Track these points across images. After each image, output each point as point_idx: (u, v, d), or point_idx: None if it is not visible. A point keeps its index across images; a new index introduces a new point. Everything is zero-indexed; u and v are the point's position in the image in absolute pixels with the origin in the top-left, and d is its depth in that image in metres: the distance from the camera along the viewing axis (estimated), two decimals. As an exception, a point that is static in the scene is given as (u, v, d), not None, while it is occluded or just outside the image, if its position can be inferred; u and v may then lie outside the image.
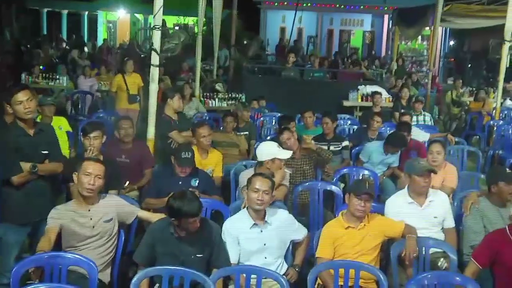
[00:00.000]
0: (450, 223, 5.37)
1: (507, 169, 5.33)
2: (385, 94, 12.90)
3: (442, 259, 5.00)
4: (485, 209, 5.20)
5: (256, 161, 6.05)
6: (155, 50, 6.76)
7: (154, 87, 6.96)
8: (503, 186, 5.10)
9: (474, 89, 15.66)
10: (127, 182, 6.28)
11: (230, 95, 13.00)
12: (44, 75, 13.97)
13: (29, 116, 4.83)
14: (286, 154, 5.83)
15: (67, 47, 24.97)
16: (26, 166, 4.79)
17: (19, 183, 4.83)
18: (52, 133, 5.27)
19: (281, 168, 5.83)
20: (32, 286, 3.76)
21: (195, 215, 4.29)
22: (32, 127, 4.92)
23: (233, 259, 4.57)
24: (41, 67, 14.72)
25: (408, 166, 5.41)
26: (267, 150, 5.84)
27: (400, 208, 5.24)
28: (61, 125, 7.91)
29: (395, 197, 5.46)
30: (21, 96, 4.76)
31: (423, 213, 5.25)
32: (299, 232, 4.92)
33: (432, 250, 4.98)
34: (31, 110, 4.81)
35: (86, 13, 31.13)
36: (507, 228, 4.50)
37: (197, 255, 4.41)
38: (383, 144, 7.65)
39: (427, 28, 18.30)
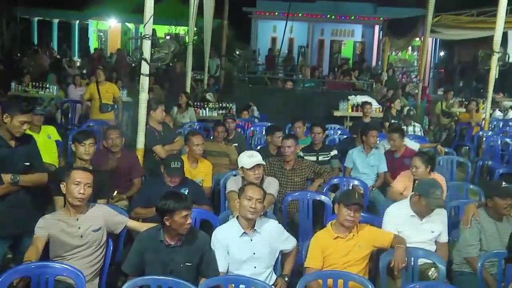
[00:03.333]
0: (445, 237, 5.35)
1: (503, 183, 5.30)
2: (375, 104, 12.94)
3: (433, 269, 4.99)
4: (483, 222, 5.20)
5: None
6: (145, 60, 6.76)
7: (144, 96, 6.97)
8: (499, 200, 5.10)
9: (463, 99, 15.74)
10: (115, 192, 6.26)
11: (220, 104, 12.99)
12: (34, 84, 13.94)
13: (17, 135, 4.84)
14: (250, 164, 5.80)
15: (57, 56, 24.96)
16: (6, 177, 4.76)
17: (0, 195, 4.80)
18: (33, 144, 5.19)
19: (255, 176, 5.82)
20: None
21: (188, 208, 4.32)
22: (13, 138, 4.87)
23: (222, 267, 4.56)
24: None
25: (421, 188, 5.26)
26: (239, 159, 5.97)
27: (400, 218, 5.22)
28: (50, 134, 7.88)
29: (397, 206, 5.42)
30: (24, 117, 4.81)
31: (422, 227, 5.24)
32: (289, 242, 4.91)
33: (421, 260, 4.98)
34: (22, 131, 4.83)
35: (77, 22, 31.15)
36: None
37: (187, 264, 4.40)
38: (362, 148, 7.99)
39: (417, 38, 18.40)
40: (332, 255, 4.70)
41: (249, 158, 5.78)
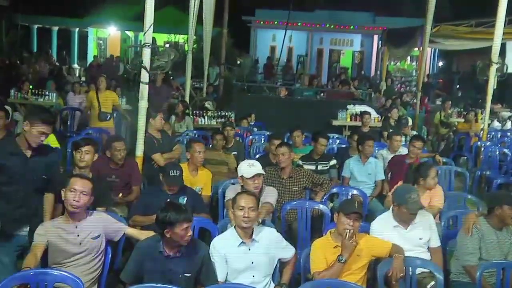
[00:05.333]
0: (436, 242, 5.36)
1: None
2: (374, 114, 12.97)
3: (433, 283, 4.97)
4: (484, 231, 5.20)
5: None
6: (145, 68, 6.77)
7: (143, 104, 6.97)
8: (508, 209, 5.09)
9: (462, 110, 15.78)
10: (120, 194, 6.26)
11: (219, 113, 13.01)
12: (33, 91, 13.97)
13: (34, 145, 4.68)
14: (250, 173, 5.81)
15: (57, 63, 25.01)
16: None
17: None
18: (54, 156, 5.10)
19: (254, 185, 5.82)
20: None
21: (189, 220, 4.31)
22: (30, 148, 4.75)
23: (220, 277, 4.55)
24: (30, 86, 14.68)
25: (397, 197, 5.29)
26: (239, 167, 5.97)
27: (385, 231, 5.21)
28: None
29: (379, 220, 5.41)
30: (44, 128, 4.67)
31: (408, 235, 5.24)
32: (287, 251, 4.91)
33: (418, 270, 4.98)
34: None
35: (77, 29, 31.18)
36: None
37: (185, 274, 4.40)
38: (359, 157, 8.02)
39: (416, 48, 18.45)
40: (331, 264, 4.69)
41: (250, 168, 5.79)
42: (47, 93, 14.06)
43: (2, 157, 4.68)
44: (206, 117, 12.63)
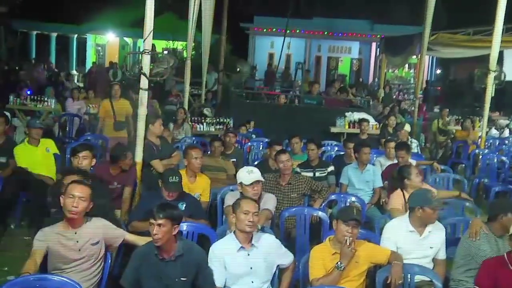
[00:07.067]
0: (443, 254, 5.35)
1: None
2: (372, 121, 13.00)
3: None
4: (488, 236, 5.20)
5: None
6: (145, 74, 6.79)
7: (142, 111, 6.99)
8: None
9: (460, 117, 15.82)
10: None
11: (218, 119, 13.03)
12: (32, 97, 13.97)
13: None
14: (249, 180, 5.81)
15: (55, 69, 25.04)
16: None
17: None
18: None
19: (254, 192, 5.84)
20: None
21: (153, 217, 4.33)
22: None
23: (219, 283, 4.56)
24: (28, 92, 14.67)
25: (420, 199, 5.29)
26: (238, 174, 5.97)
27: (400, 233, 5.23)
28: (48, 147, 7.88)
29: (396, 222, 5.43)
30: None
31: (421, 243, 5.24)
32: (286, 257, 4.92)
33: (417, 277, 4.98)
34: None
35: (75, 36, 31.27)
36: (505, 255, 4.64)
37: (181, 278, 4.40)
38: (357, 164, 8.00)
39: (414, 56, 18.50)
40: (330, 271, 4.70)
41: (249, 174, 5.79)
42: (46, 99, 14.05)
43: None
44: (204, 124, 12.64)
